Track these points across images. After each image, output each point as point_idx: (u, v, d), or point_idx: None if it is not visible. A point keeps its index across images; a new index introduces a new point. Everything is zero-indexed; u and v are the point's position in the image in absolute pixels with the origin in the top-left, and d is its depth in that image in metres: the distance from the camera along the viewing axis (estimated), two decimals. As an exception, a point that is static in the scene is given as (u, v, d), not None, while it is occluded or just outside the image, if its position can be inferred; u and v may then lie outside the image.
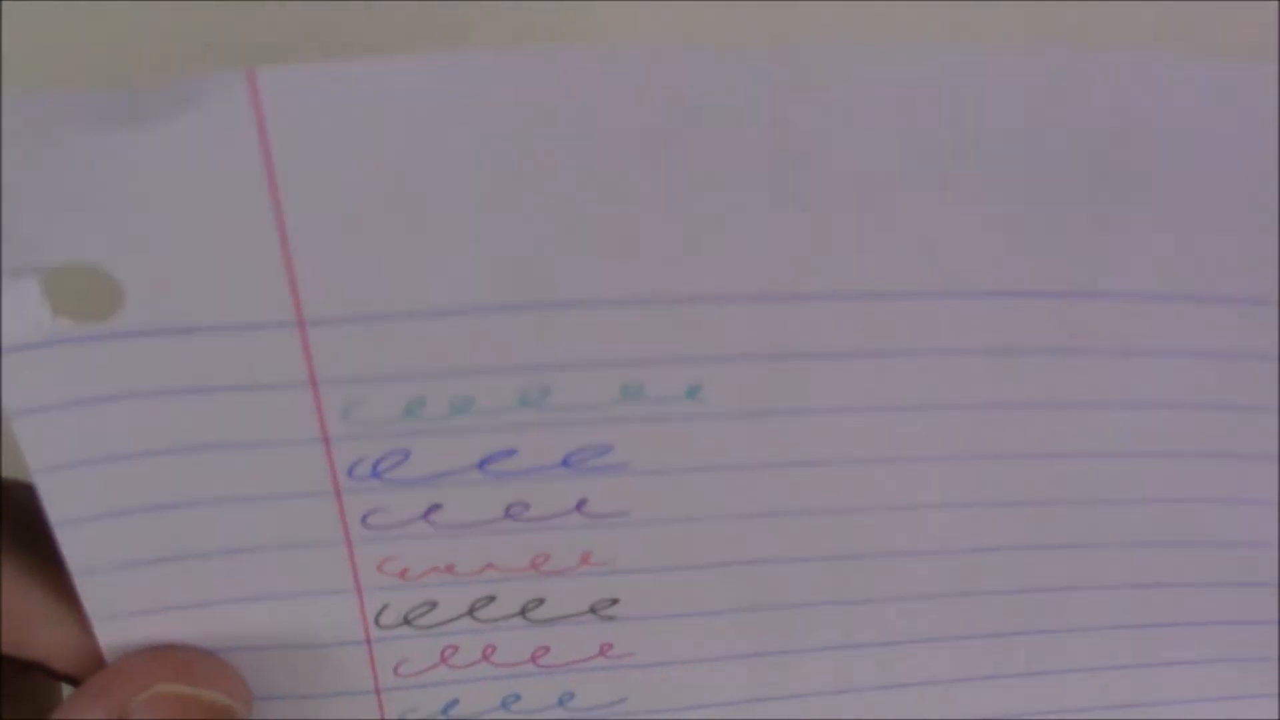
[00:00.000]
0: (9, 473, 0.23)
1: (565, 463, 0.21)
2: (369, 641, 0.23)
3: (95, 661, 0.23)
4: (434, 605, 0.23)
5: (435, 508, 0.22)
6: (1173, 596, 0.25)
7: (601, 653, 0.24)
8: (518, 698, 0.24)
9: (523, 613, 0.23)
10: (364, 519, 0.22)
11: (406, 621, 0.23)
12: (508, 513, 0.22)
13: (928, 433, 0.22)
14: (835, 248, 0.20)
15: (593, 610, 0.23)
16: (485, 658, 0.24)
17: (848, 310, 0.20)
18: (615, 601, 0.23)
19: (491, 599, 0.23)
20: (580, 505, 0.22)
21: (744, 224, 0.19)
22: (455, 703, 0.24)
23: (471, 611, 0.23)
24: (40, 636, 0.22)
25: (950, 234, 0.20)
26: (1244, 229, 0.20)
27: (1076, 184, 0.19)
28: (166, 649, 0.23)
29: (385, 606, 0.23)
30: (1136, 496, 0.23)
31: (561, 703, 0.25)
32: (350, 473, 0.21)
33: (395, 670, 0.24)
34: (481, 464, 0.21)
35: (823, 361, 0.21)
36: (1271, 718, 0.28)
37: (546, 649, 0.24)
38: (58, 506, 0.21)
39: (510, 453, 0.21)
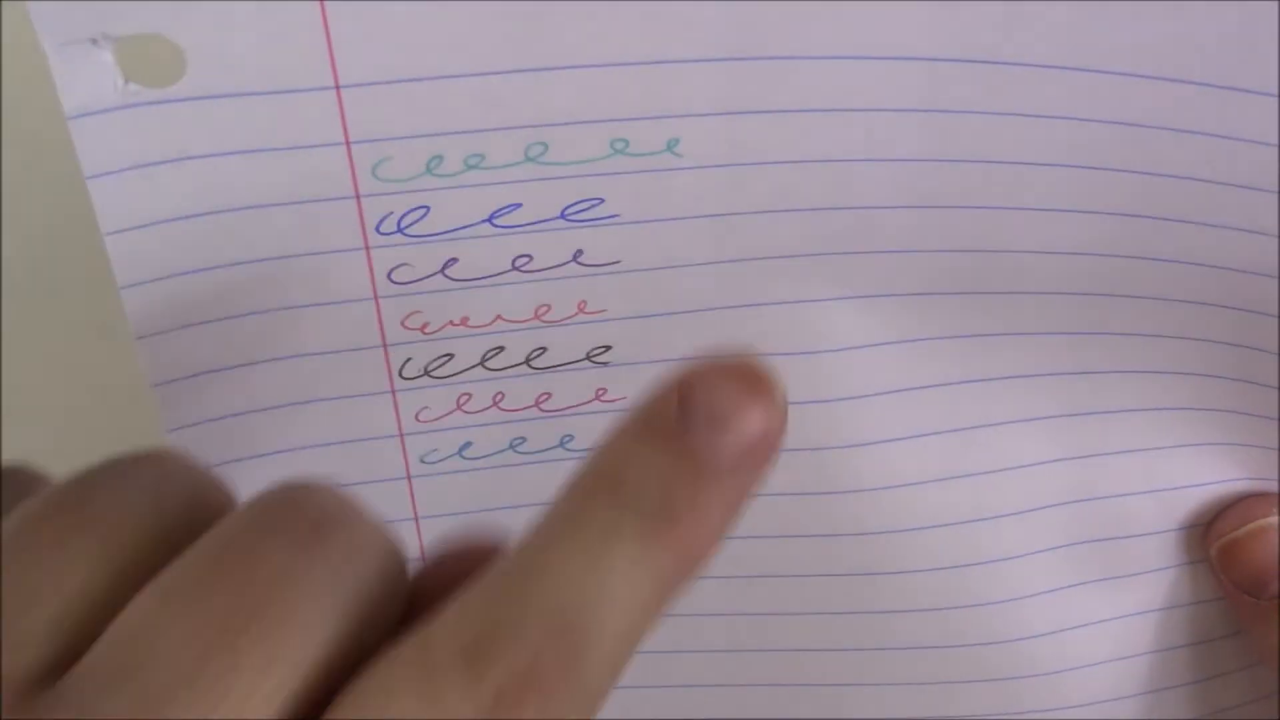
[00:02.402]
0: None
1: (563, 215, 0.25)
2: (394, 392, 0.27)
3: None
4: (451, 356, 0.26)
5: (452, 261, 0.25)
6: (1110, 344, 0.28)
7: (597, 397, 0.28)
8: (524, 440, 0.28)
9: (527, 361, 0.27)
10: (390, 274, 0.25)
11: (426, 373, 0.27)
12: (514, 265, 0.25)
13: (877, 182, 0.25)
14: (795, 16, 0.23)
15: (589, 357, 0.27)
16: (495, 404, 0.27)
17: (805, 69, 0.24)
18: (608, 348, 0.27)
19: (500, 349, 0.27)
20: (577, 255, 0.25)
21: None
22: (469, 444, 0.28)
23: (483, 361, 0.27)
24: None
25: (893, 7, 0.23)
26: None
27: None
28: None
29: (408, 360, 0.26)
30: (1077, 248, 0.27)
31: (562, 444, 0.28)
32: (378, 228, 0.24)
33: (416, 417, 0.27)
34: (491, 217, 0.25)
35: (783, 115, 0.24)
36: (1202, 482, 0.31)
37: (549, 394, 0.27)
38: (125, 269, 0.24)
39: (516, 206, 0.24)
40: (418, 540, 0.29)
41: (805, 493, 0.29)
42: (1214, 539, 0.31)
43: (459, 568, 0.18)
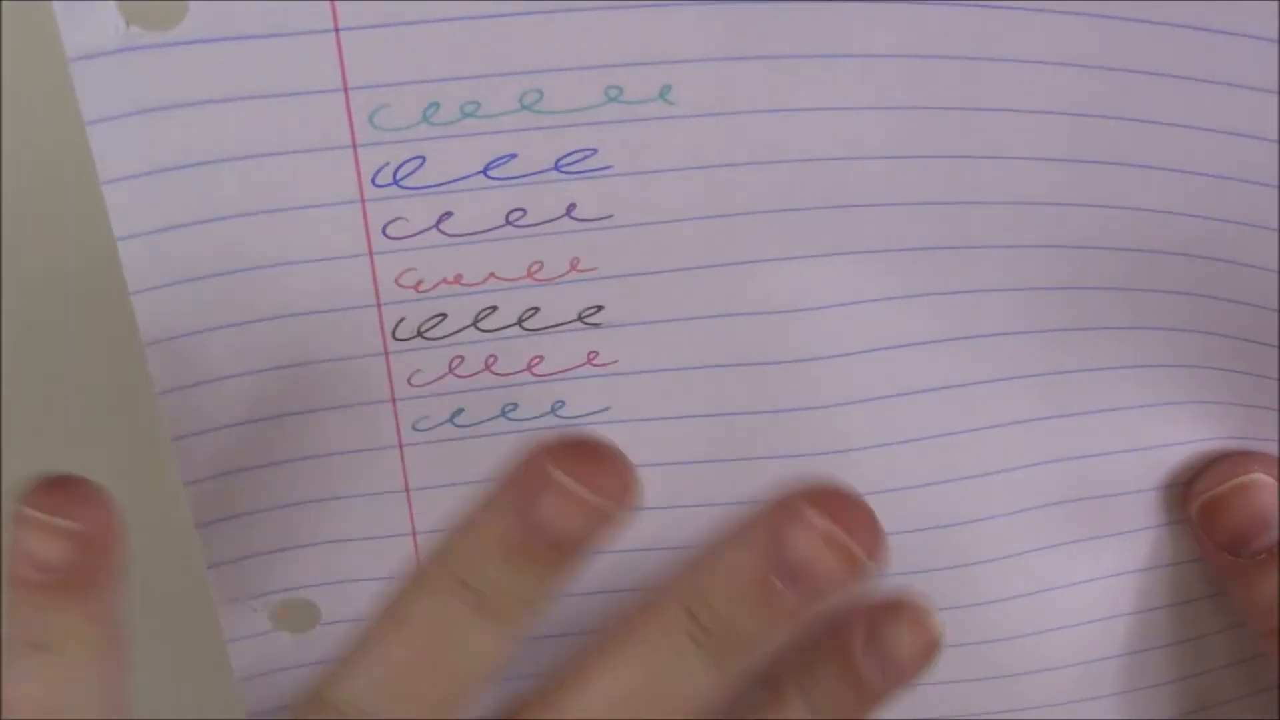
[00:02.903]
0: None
1: (557, 166, 0.25)
2: (386, 354, 0.27)
3: None
4: (444, 316, 0.27)
5: (447, 215, 0.25)
6: (1085, 300, 0.29)
7: (589, 360, 0.28)
8: (515, 406, 0.28)
9: (520, 322, 0.27)
10: (384, 229, 0.25)
11: (420, 333, 0.27)
12: (508, 219, 0.26)
13: (864, 131, 0.26)
14: None
15: (580, 318, 0.27)
16: (487, 367, 0.27)
17: (798, 12, 0.24)
18: (600, 309, 0.27)
19: (493, 309, 0.27)
20: (570, 210, 0.26)
21: None
22: (461, 411, 0.28)
23: (476, 321, 0.27)
24: None
25: None
26: None
27: None
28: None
29: (401, 320, 0.26)
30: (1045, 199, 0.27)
31: (553, 410, 0.28)
32: (374, 180, 0.25)
33: (409, 381, 0.27)
34: (486, 169, 0.25)
35: (776, 61, 0.25)
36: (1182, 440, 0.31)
37: (540, 358, 0.28)
38: (123, 219, 0.24)
39: (511, 156, 0.25)
40: (408, 513, 0.29)
41: (787, 455, 0.29)
42: (1194, 497, 0.31)
43: None
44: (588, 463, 0.22)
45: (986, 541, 0.31)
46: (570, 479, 0.22)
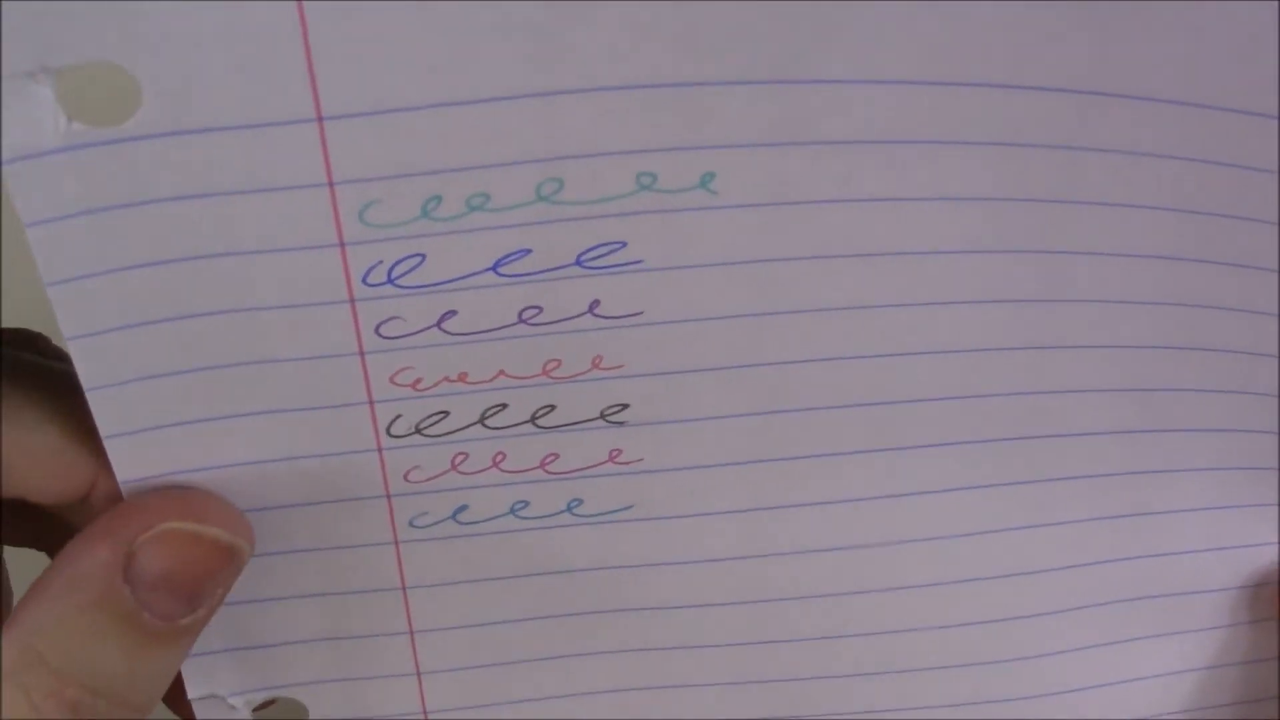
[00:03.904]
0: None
1: (579, 262, 0.22)
2: (380, 450, 0.23)
3: (107, 505, 0.23)
4: (446, 414, 0.23)
5: (450, 314, 0.22)
6: (1171, 400, 0.26)
7: (610, 459, 0.24)
8: (526, 504, 0.25)
9: (533, 419, 0.24)
10: (378, 329, 0.22)
11: (418, 430, 0.23)
12: (520, 317, 0.22)
13: (938, 225, 0.22)
14: (845, 30, 0.20)
15: (603, 416, 0.24)
16: (495, 464, 0.24)
17: (859, 95, 0.20)
18: (625, 407, 0.24)
19: (503, 406, 0.23)
20: (593, 307, 0.22)
21: (752, 5, 0.19)
22: (464, 508, 0.25)
23: (483, 419, 0.23)
24: (51, 476, 0.22)
25: (958, 19, 0.20)
26: (1246, 38, 0.21)
27: None
28: (174, 488, 0.23)
29: (397, 417, 0.23)
30: (1137, 298, 0.24)
31: (569, 509, 0.25)
32: (365, 279, 0.21)
33: (405, 477, 0.24)
34: (496, 265, 0.21)
35: (834, 148, 0.21)
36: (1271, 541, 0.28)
37: (556, 455, 0.24)
38: (72, 319, 0.20)
39: (525, 252, 0.21)
40: (405, 612, 0.26)
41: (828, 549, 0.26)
42: None
43: None
44: None
45: (1049, 636, 0.28)
46: None
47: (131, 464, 0.22)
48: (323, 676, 0.26)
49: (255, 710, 0.27)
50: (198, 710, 0.26)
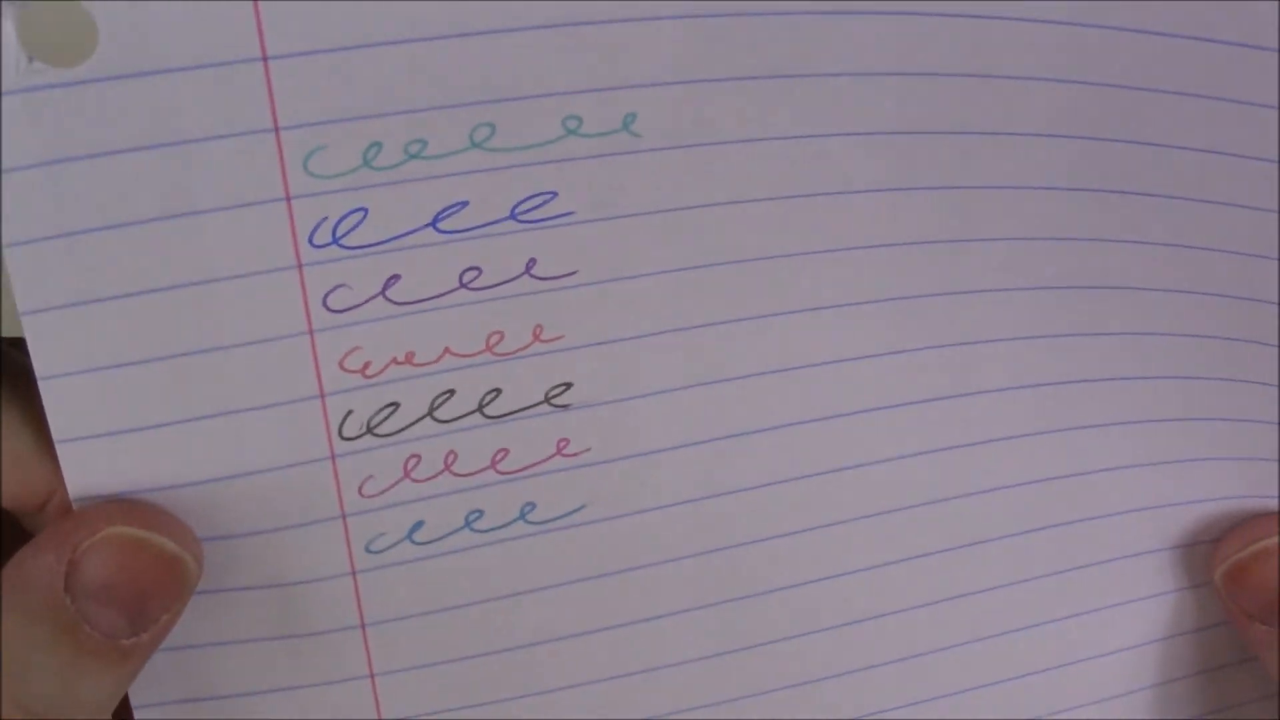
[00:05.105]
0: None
1: (513, 215, 0.23)
2: (333, 457, 0.23)
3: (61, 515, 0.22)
4: (396, 406, 0.23)
5: (394, 279, 0.22)
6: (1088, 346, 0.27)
7: (559, 451, 0.25)
8: (480, 514, 0.25)
9: (480, 409, 0.24)
10: (325, 299, 0.22)
11: (370, 430, 0.23)
12: (462, 281, 0.23)
13: (852, 163, 0.24)
14: None
15: (548, 400, 0.24)
16: (447, 467, 0.24)
17: (775, 26, 0.22)
18: (569, 386, 0.24)
19: (451, 393, 0.24)
20: (530, 267, 0.23)
21: None
22: (420, 524, 0.24)
23: (432, 411, 0.24)
24: (15, 482, 0.22)
25: None
26: None
27: None
28: (122, 498, 0.22)
29: (349, 413, 0.23)
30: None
31: (523, 515, 0.25)
32: (311, 239, 0.22)
33: (360, 490, 0.24)
34: (435, 220, 0.22)
35: (750, 83, 0.23)
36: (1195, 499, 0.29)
37: (505, 451, 0.24)
38: (28, 291, 0.20)
39: (462, 205, 0.22)
40: (365, 653, 0.25)
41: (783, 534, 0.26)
42: (1218, 562, 0.29)
43: None
44: None
45: (990, 616, 0.28)
46: None
47: (82, 474, 0.22)
48: None
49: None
50: None
